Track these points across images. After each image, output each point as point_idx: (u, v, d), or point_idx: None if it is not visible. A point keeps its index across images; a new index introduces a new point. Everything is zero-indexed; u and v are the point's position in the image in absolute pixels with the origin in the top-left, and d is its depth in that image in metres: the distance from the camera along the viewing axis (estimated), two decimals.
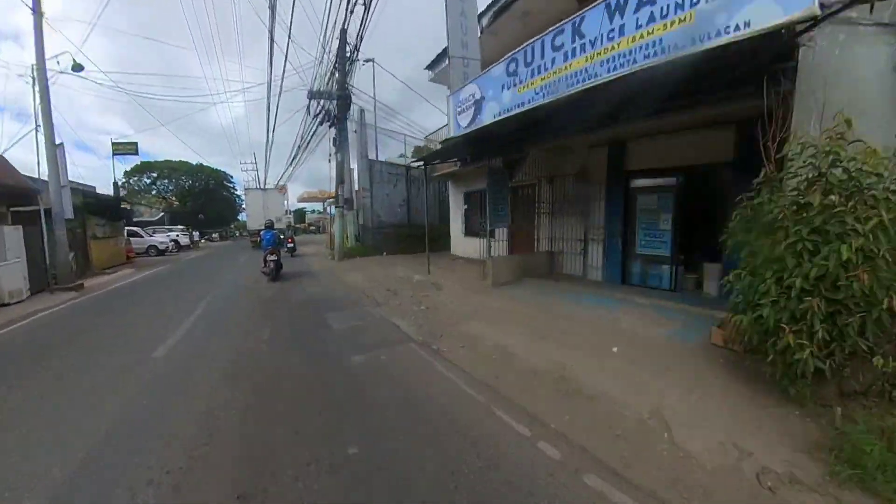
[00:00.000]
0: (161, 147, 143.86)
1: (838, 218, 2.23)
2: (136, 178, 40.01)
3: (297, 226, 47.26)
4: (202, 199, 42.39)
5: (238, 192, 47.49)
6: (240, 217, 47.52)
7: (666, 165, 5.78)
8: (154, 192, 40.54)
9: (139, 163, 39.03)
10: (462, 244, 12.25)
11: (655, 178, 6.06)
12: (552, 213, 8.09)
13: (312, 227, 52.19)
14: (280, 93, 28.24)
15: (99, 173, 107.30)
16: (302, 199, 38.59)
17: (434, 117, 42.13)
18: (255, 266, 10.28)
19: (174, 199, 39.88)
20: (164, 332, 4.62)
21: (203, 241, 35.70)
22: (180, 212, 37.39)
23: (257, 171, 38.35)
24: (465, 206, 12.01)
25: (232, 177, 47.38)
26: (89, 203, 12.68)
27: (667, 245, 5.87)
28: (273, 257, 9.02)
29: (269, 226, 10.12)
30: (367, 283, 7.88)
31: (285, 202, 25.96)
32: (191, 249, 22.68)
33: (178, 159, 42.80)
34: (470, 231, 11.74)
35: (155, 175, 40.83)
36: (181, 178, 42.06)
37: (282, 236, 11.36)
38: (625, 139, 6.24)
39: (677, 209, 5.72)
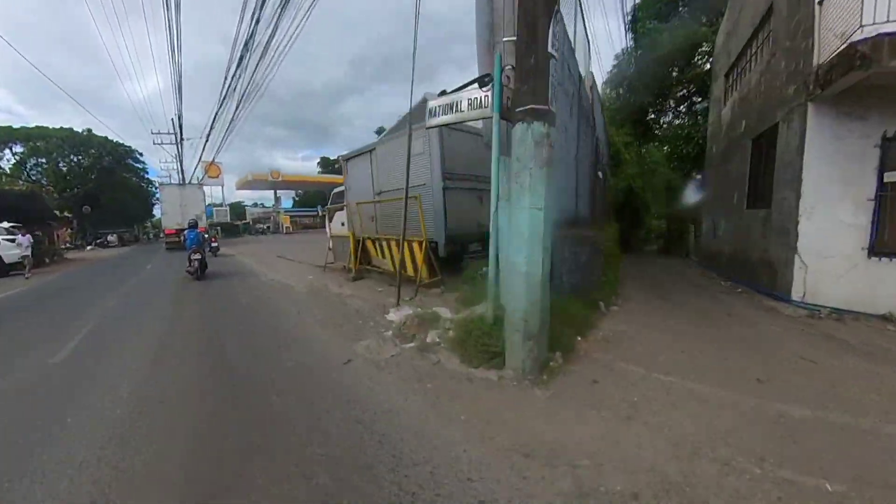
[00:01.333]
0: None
1: None
2: None
3: (237, 223, 38.61)
4: (91, 184, 34.11)
5: (152, 179, 40.04)
6: (157, 213, 38.62)
7: None
8: (25, 176, 31.95)
9: None
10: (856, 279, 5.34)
11: None
12: None
13: (262, 226, 39.46)
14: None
15: None
16: (244, 186, 37.34)
17: None
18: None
19: (49, 185, 32.60)
20: None
21: (91, 246, 30.76)
22: (60, 203, 31.38)
23: (178, 144, 29.95)
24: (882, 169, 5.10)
25: (141, 154, 38.85)
26: None
27: None
28: (197, 256, 9.57)
29: (193, 225, 10.52)
30: None
31: (203, 199, 25.05)
32: (54, 264, 16.44)
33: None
34: None
35: (22, 150, 32.23)
36: (64, 154, 33.01)
37: (206, 235, 11.72)
38: None
39: None
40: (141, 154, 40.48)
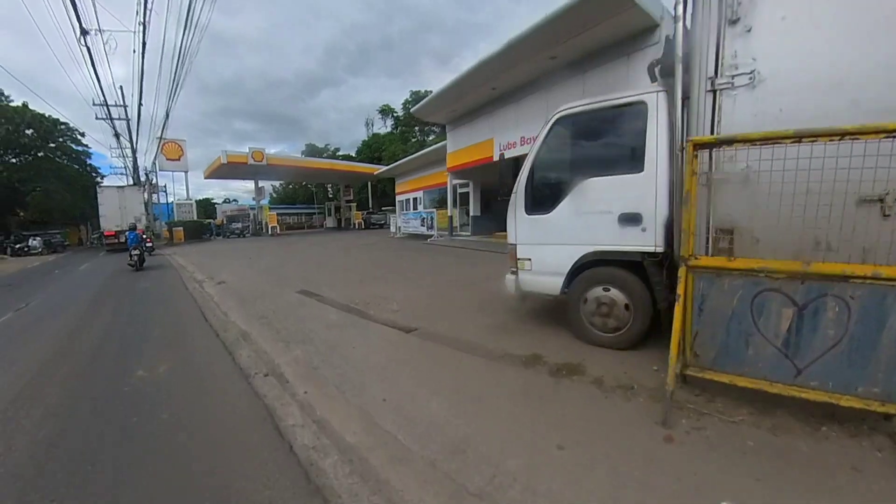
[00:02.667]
0: None
1: None
2: None
3: (208, 221, 31.25)
4: (2, 168, 25.57)
5: (97, 168, 32.84)
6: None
7: None
8: None
9: None
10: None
11: None
12: None
13: (238, 226, 29.84)
14: None
15: None
16: (216, 172, 27.89)
17: None
18: None
19: None
20: None
21: (5, 254, 22.86)
22: None
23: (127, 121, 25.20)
24: None
25: (83, 134, 30.43)
26: None
27: None
28: (136, 252, 11.31)
29: (132, 227, 12.01)
30: None
31: (142, 202, 23.23)
32: None
33: None
34: None
35: None
36: None
37: (143, 236, 12.77)
38: None
39: None
40: (83, 134, 31.04)
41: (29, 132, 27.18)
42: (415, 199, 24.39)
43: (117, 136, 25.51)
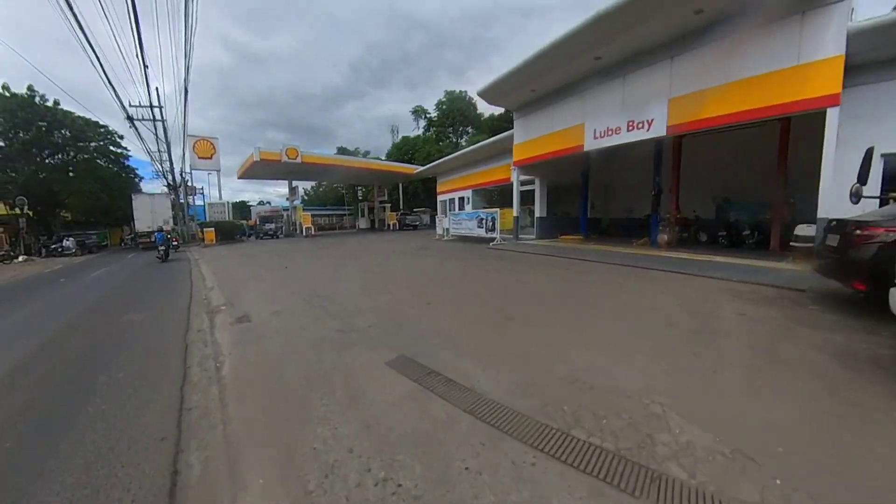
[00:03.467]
0: None
1: None
2: None
3: (242, 222, 30.07)
4: (39, 168, 24.68)
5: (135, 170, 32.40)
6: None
7: None
8: None
9: None
10: None
11: None
12: None
13: (271, 227, 27.37)
14: None
15: None
16: (248, 172, 25.84)
17: None
18: None
19: None
20: None
21: (42, 254, 23.42)
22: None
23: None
24: None
25: (122, 136, 29.57)
26: None
27: None
28: (163, 248, 14.16)
29: (160, 229, 16.65)
30: None
31: (170, 207, 24.30)
32: None
33: None
34: None
35: None
36: None
37: (168, 236, 15.20)
38: None
39: None
40: (122, 137, 30.18)
41: (62, 132, 26.23)
42: (461, 199, 21.28)
43: (159, 137, 23.89)
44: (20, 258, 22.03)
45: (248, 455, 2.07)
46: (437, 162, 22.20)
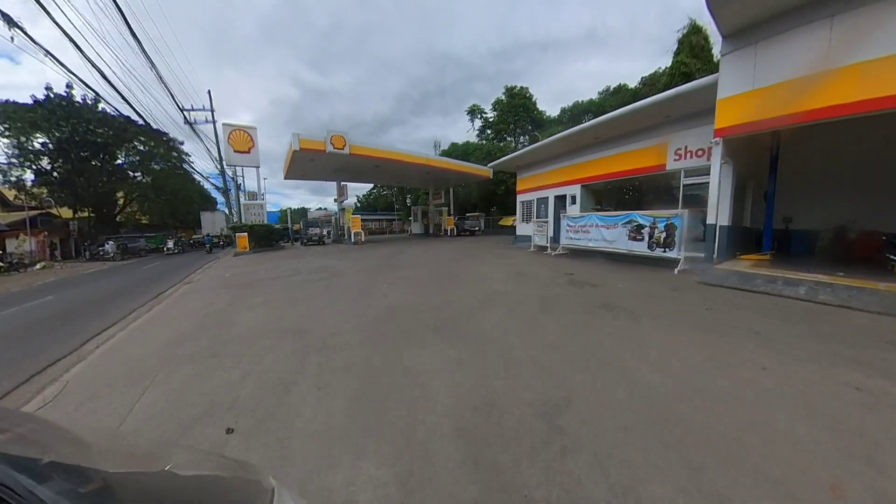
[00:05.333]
0: None
1: None
2: None
3: (285, 227, 29.37)
4: (80, 164, 22.95)
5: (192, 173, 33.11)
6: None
7: None
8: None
9: None
10: None
11: None
12: None
13: (317, 232, 23.04)
14: None
15: None
16: (291, 170, 20.79)
17: None
18: None
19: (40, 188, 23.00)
20: None
21: (85, 257, 21.80)
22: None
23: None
24: None
25: (182, 143, 29.92)
26: None
27: None
28: (209, 245, 21.71)
29: (207, 235, 25.40)
30: None
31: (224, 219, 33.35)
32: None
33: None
34: None
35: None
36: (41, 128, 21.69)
37: (214, 239, 20.85)
38: None
39: None
40: (182, 143, 30.12)
41: (101, 131, 24.09)
42: (560, 198, 14.75)
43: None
44: (38, 265, 18.57)
45: None
46: (526, 149, 15.59)
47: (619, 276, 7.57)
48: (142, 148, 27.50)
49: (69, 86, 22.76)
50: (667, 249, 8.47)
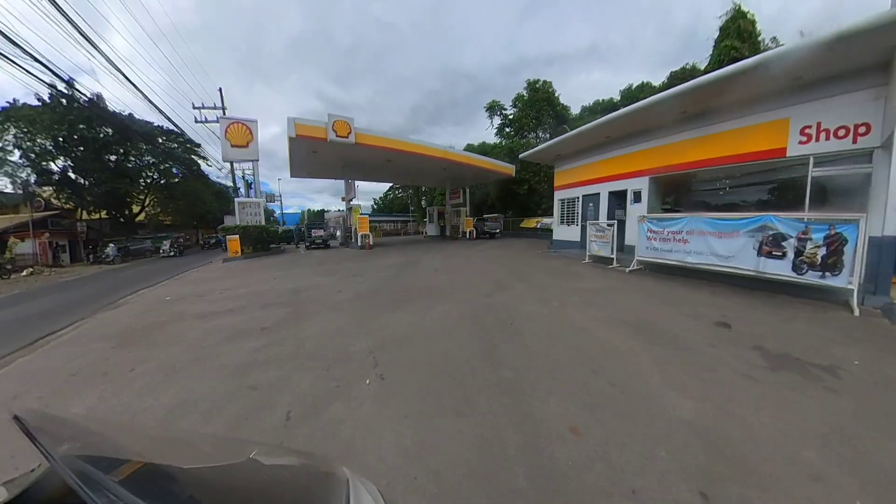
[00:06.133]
0: None
1: None
2: None
3: (282, 226, 29.42)
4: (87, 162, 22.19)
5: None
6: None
7: None
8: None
9: None
10: None
11: None
12: None
13: (321, 234, 20.68)
14: None
15: None
16: (295, 166, 18.25)
17: None
18: None
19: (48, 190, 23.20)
20: None
21: (90, 259, 21.49)
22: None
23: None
24: None
25: (199, 145, 28.73)
26: None
27: None
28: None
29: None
30: None
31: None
32: None
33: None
34: None
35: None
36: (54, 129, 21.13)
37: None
38: None
39: None
40: (198, 145, 29.37)
41: (100, 128, 23.04)
42: (614, 195, 11.40)
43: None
44: (24, 272, 16.56)
45: None
46: (574, 132, 11.48)
47: (783, 319, 4.27)
48: (154, 146, 26.44)
49: (70, 83, 21.62)
50: (827, 274, 5.13)
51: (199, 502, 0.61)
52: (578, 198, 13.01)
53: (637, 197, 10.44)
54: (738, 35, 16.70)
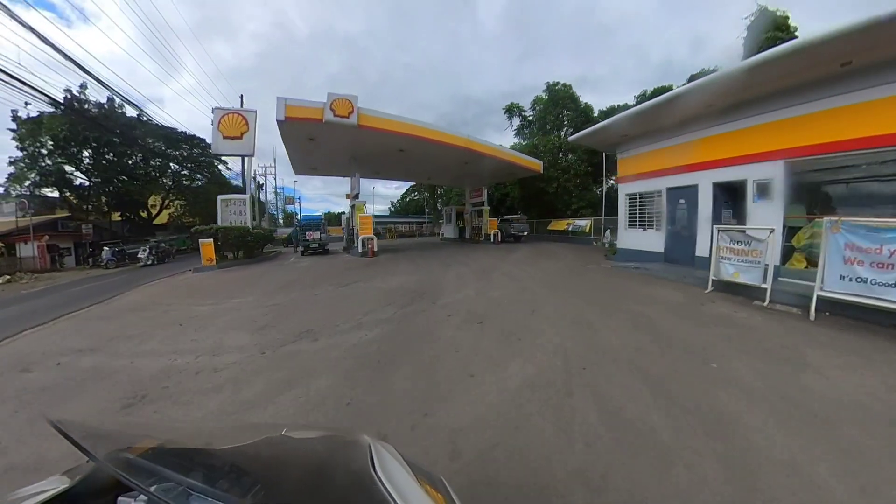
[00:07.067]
0: None
1: None
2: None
3: (268, 228, 23.19)
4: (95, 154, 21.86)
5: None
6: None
7: None
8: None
9: None
10: None
11: None
12: None
13: (316, 237, 17.02)
14: None
15: None
16: (295, 161, 16.27)
17: None
18: None
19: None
20: None
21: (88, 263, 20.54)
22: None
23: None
24: None
25: (203, 140, 26.63)
26: None
27: None
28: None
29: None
30: None
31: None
32: None
33: None
34: None
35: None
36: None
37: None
38: None
39: None
40: (203, 140, 27.35)
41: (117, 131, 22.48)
42: (720, 187, 7.78)
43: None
44: (1, 279, 14.52)
45: None
46: (660, 99, 7.74)
47: None
48: (165, 148, 25.95)
49: (83, 86, 21.24)
50: None
51: (240, 470, 0.66)
52: (661, 191, 9.27)
53: (762, 192, 6.80)
54: (776, 27, 17.30)
